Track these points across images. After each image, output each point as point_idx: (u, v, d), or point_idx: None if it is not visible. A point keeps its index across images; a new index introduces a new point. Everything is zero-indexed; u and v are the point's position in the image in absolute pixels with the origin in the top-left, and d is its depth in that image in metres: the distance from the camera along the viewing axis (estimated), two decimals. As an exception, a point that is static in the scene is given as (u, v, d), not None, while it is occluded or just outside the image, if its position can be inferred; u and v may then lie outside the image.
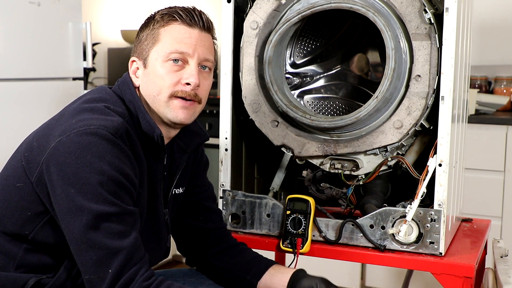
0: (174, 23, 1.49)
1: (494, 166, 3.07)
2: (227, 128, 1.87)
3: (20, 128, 2.76)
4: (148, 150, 1.50)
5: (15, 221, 1.44)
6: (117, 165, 1.35)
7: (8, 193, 1.44)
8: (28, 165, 1.40)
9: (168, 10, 1.51)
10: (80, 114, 1.41)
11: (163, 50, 1.48)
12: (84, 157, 1.33)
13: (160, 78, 1.48)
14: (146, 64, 1.50)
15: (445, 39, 1.63)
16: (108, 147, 1.35)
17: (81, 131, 1.35)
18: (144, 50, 1.51)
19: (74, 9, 3.02)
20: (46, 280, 1.43)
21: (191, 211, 1.73)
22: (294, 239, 1.76)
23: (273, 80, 1.78)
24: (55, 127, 1.40)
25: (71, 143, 1.34)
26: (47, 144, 1.38)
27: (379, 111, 1.71)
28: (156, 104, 1.49)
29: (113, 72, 4.09)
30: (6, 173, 1.48)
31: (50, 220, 1.42)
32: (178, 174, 1.62)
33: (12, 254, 1.45)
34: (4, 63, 2.73)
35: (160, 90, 1.48)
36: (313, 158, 1.82)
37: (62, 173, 1.33)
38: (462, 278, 1.63)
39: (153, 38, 1.50)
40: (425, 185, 1.66)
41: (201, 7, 1.57)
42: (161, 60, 1.48)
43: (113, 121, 1.38)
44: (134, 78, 1.53)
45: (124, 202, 1.36)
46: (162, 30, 1.49)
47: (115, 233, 1.33)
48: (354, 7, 1.68)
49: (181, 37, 1.48)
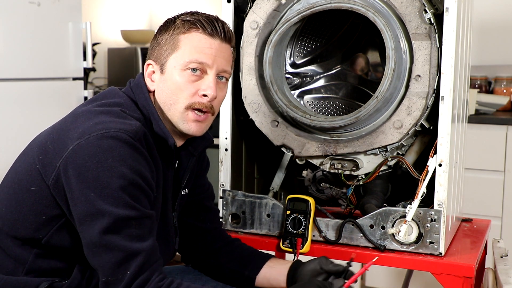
0: (195, 31, 1.47)
1: (494, 166, 3.07)
2: (227, 128, 1.87)
3: (20, 128, 2.76)
4: (161, 154, 1.50)
5: (28, 225, 1.42)
6: (138, 168, 1.35)
7: (21, 197, 1.43)
8: (44, 169, 1.39)
9: (190, 17, 1.48)
10: (97, 116, 1.39)
11: (182, 58, 1.46)
12: (105, 161, 1.32)
13: (177, 87, 1.46)
14: (164, 70, 1.48)
15: (445, 39, 1.63)
16: (129, 151, 1.35)
17: (101, 134, 1.34)
18: (163, 55, 1.48)
19: (74, 9, 3.02)
20: (58, 284, 1.43)
21: (192, 211, 1.74)
22: (294, 239, 1.76)
23: (273, 80, 1.78)
24: (71, 130, 1.39)
25: (91, 146, 1.33)
26: (64, 147, 1.37)
27: (379, 111, 1.71)
28: (170, 113, 1.49)
29: (113, 72, 4.09)
30: (17, 177, 1.46)
31: (65, 223, 1.42)
32: (186, 177, 1.62)
33: (22, 259, 1.44)
34: (4, 63, 2.72)
35: (176, 100, 1.47)
36: (313, 158, 1.82)
37: (81, 176, 1.33)
38: (462, 278, 1.63)
39: (173, 44, 1.47)
40: (425, 185, 1.66)
41: (201, 7, 1.57)
42: (179, 68, 1.46)
43: (131, 125, 1.38)
44: (149, 81, 1.51)
45: (143, 206, 1.37)
46: (183, 37, 1.47)
47: (134, 236, 1.33)
48: (354, 7, 1.68)
49: (201, 46, 1.46)
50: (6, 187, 1.48)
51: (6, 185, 1.49)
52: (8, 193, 1.47)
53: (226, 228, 1.87)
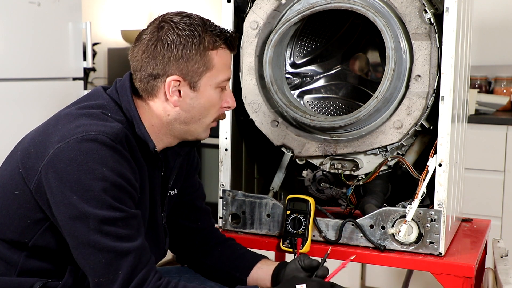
0: (224, 48, 1.49)
1: (494, 166, 3.07)
2: (227, 128, 1.87)
3: (20, 128, 2.74)
4: (144, 156, 1.49)
5: (14, 228, 1.43)
6: (119, 170, 1.35)
7: (6, 201, 1.43)
8: (26, 172, 1.39)
9: (219, 33, 1.48)
10: (78, 119, 1.39)
11: (217, 77, 1.49)
12: (85, 163, 1.32)
13: (211, 104, 1.51)
14: (196, 88, 1.48)
15: (445, 39, 1.63)
16: (109, 153, 1.34)
17: (81, 137, 1.34)
18: (196, 73, 1.46)
19: (74, 9, 3.02)
20: (52, 283, 1.43)
21: (182, 211, 1.74)
22: (294, 239, 1.76)
23: (273, 80, 1.78)
24: (52, 133, 1.38)
25: (71, 150, 1.33)
26: (45, 150, 1.36)
27: (379, 111, 1.71)
28: (195, 125, 1.51)
29: (113, 72, 4.09)
30: (2, 181, 1.45)
31: (49, 226, 1.41)
32: (173, 177, 1.62)
33: (13, 261, 1.44)
34: (4, 63, 2.72)
35: (207, 115, 1.51)
36: (313, 158, 1.82)
37: (63, 180, 1.33)
38: (462, 278, 1.63)
39: (206, 63, 1.46)
40: (425, 185, 1.66)
41: (201, 7, 1.57)
42: (214, 87, 1.50)
43: (112, 127, 1.37)
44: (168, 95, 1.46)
45: (128, 206, 1.37)
46: (214, 55, 1.47)
47: (122, 236, 1.34)
48: (354, 7, 1.68)
49: (229, 63, 1.53)
50: None
51: None
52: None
53: (226, 228, 1.87)
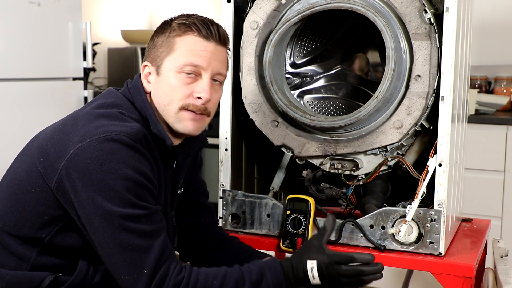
0: (191, 34, 1.48)
1: (494, 166, 3.07)
2: (227, 128, 1.87)
3: (20, 128, 2.76)
4: (160, 155, 1.51)
5: (31, 225, 1.44)
6: (140, 169, 1.38)
7: (23, 198, 1.44)
8: (45, 171, 1.40)
9: (186, 20, 1.50)
10: (97, 120, 1.41)
11: (177, 61, 1.48)
12: (108, 163, 1.34)
13: (172, 89, 1.48)
14: (159, 72, 1.50)
15: (445, 39, 1.63)
16: (130, 153, 1.37)
17: (102, 137, 1.36)
18: (159, 57, 1.50)
19: (74, 9, 3.02)
20: (63, 278, 1.44)
21: (186, 208, 1.75)
22: (294, 239, 1.76)
23: (273, 80, 1.78)
24: (72, 133, 1.40)
25: (93, 149, 1.35)
26: (64, 150, 1.38)
27: (379, 111, 1.71)
28: (165, 114, 1.50)
29: (113, 72, 4.09)
30: (17, 178, 1.46)
31: (68, 223, 1.43)
32: (183, 176, 1.64)
33: (25, 257, 1.45)
34: (4, 63, 2.73)
35: (171, 101, 1.49)
36: (313, 158, 1.82)
37: (86, 179, 1.34)
38: (462, 278, 1.63)
39: (169, 47, 1.49)
40: (425, 185, 1.66)
41: (201, 7, 1.57)
42: (174, 71, 1.48)
43: (132, 127, 1.40)
44: (145, 82, 1.53)
45: (150, 203, 1.39)
46: (178, 39, 1.48)
47: (146, 232, 1.36)
48: (354, 7, 1.68)
49: (196, 49, 1.48)
50: (5, 188, 1.49)
51: (5, 186, 1.49)
52: (8, 193, 1.47)
53: (226, 228, 1.87)
